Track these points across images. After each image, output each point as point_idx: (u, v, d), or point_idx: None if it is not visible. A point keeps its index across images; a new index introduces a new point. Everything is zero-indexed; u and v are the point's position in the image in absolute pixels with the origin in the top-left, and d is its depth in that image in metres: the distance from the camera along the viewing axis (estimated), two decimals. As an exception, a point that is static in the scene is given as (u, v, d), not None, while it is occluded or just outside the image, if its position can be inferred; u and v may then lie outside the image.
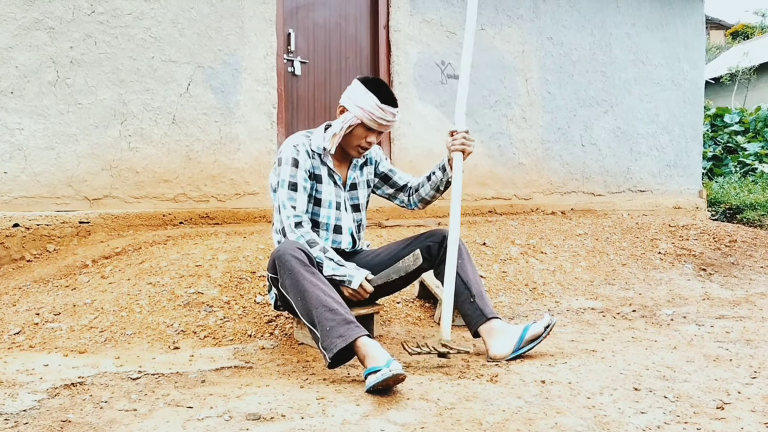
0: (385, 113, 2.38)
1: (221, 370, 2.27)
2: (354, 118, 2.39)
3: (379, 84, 2.42)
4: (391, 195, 2.74)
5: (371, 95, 2.36)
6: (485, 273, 3.76)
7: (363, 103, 2.37)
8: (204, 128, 4.42)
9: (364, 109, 2.37)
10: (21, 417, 1.75)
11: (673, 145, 7.09)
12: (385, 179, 2.71)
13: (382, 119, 2.38)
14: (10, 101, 3.82)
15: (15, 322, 2.75)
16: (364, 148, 2.47)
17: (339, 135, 2.42)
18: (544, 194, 6.14)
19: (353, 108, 2.39)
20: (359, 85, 2.41)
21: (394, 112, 2.41)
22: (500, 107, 5.85)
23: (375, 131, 2.43)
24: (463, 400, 1.86)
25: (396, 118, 2.44)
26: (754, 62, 16.54)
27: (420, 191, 2.66)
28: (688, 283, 4.11)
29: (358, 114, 2.38)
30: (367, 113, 2.37)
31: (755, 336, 2.75)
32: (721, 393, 1.94)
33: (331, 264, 2.32)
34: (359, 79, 2.44)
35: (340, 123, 2.42)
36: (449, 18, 5.52)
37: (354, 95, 2.40)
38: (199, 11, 4.40)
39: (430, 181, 2.61)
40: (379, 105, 2.36)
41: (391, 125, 2.44)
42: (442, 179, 2.59)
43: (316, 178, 2.47)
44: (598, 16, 6.47)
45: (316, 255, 2.31)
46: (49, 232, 3.89)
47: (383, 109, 2.37)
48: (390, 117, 2.40)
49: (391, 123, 2.42)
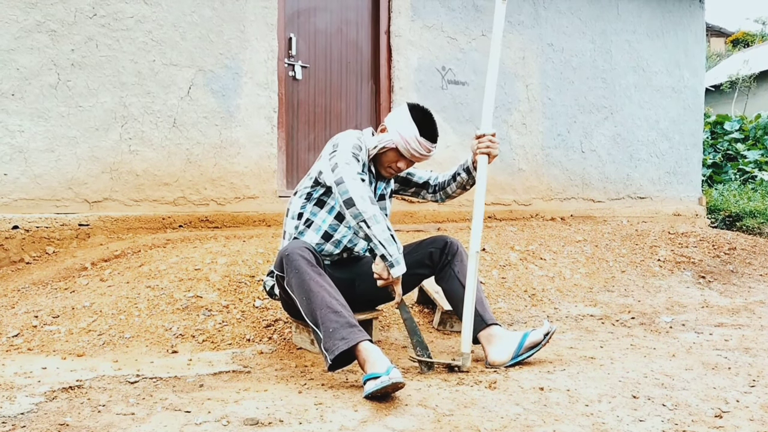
0: (420, 147, 2.39)
1: (219, 374, 2.27)
2: (390, 141, 2.40)
3: (424, 116, 2.41)
4: (414, 193, 2.76)
5: (413, 126, 2.37)
6: (484, 279, 3.76)
7: (403, 131, 2.38)
8: (204, 132, 4.43)
9: (402, 136, 2.38)
10: (18, 420, 1.74)
11: (672, 152, 7.09)
12: (405, 182, 2.73)
13: (416, 151, 2.39)
14: (11, 103, 3.83)
15: (13, 324, 2.75)
16: (393, 171, 2.48)
17: (372, 152, 2.44)
18: (544, 200, 6.15)
19: (393, 132, 2.40)
20: (405, 111, 2.41)
21: (431, 148, 2.41)
22: (500, 113, 5.85)
23: (407, 159, 2.44)
24: (462, 406, 1.86)
25: (431, 154, 2.44)
26: (754, 70, 16.56)
27: (447, 189, 2.68)
28: (687, 291, 4.11)
29: (395, 139, 2.39)
30: (404, 141, 2.38)
31: (754, 344, 2.75)
32: (720, 401, 1.93)
33: (388, 233, 2.17)
34: (408, 105, 2.44)
35: (376, 141, 2.43)
36: (450, 24, 5.54)
37: (397, 119, 2.40)
38: (200, 15, 4.41)
39: (456, 181, 2.65)
40: (417, 138, 2.37)
41: (425, 159, 2.45)
42: (467, 180, 2.62)
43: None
44: (598, 23, 6.48)
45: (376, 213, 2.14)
46: (49, 235, 3.89)
47: (420, 143, 2.38)
48: (425, 152, 2.41)
49: (424, 157, 2.43)
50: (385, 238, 2.16)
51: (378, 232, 2.14)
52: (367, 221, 2.14)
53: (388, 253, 2.17)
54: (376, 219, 2.14)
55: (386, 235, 2.16)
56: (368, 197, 2.16)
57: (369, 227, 2.14)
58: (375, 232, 2.14)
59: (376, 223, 2.14)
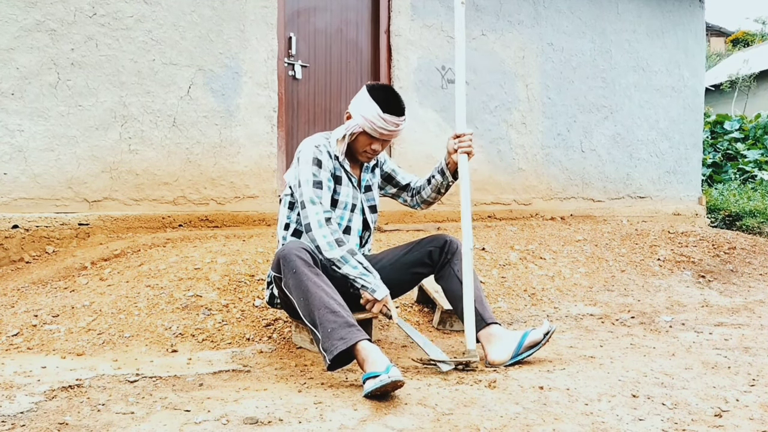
0: (387, 123, 2.34)
1: (219, 373, 2.27)
2: (356, 125, 2.37)
3: (384, 92, 2.37)
4: (395, 194, 2.75)
5: (374, 105, 2.33)
6: (484, 278, 3.76)
7: (365, 112, 2.34)
8: (204, 131, 4.43)
9: (366, 118, 2.34)
10: (18, 419, 1.74)
11: (672, 152, 7.09)
12: (388, 179, 2.71)
13: (383, 129, 2.35)
14: (10, 102, 3.83)
15: (13, 323, 2.75)
16: (368, 154, 2.46)
17: (343, 142, 2.42)
18: (544, 200, 6.15)
19: (357, 116, 2.37)
20: (365, 93, 2.38)
21: (398, 122, 2.36)
22: (500, 112, 5.85)
23: (378, 140, 2.40)
24: (461, 405, 1.86)
25: (400, 128, 2.39)
26: (754, 69, 16.57)
27: (422, 193, 2.67)
28: (687, 290, 4.11)
29: (360, 123, 2.36)
30: (369, 122, 2.34)
31: (753, 344, 2.75)
32: (719, 401, 1.93)
33: (360, 268, 2.27)
34: (366, 86, 2.40)
35: (343, 130, 2.41)
36: (450, 23, 5.53)
37: (359, 103, 2.38)
38: (200, 14, 4.41)
39: (431, 184, 2.63)
40: (380, 115, 2.32)
41: (396, 134, 2.40)
42: (442, 182, 2.59)
43: (337, 179, 2.46)
44: (598, 22, 6.48)
45: (342, 255, 2.26)
46: (49, 234, 3.89)
47: (385, 119, 2.33)
48: (392, 127, 2.36)
49: (394, 132, 2.38)
50: (357, 274, 2.27)
51: (350, 271, 2.26)
52: (337, 264, 2.27)
53: (366, 284, 2.27)
54: (345, 259, 2.26)
55: (358, 271, 2.27)
56: (333, 240, 2.26)
57: (340, 268, 2.27)
58: (347, 272, 2.27)
59: (345, 263, 2.26)
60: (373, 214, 2.61)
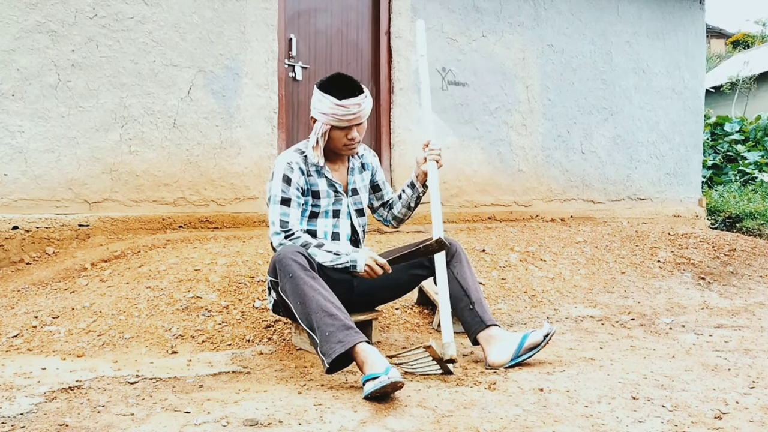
0: (347, 108, 2.33)
1: (219, 375, 2.27)
2: (322, 125, 2.39)
3: (332, 81, 2.38)
4: (374, 207, 2.77)
5: (327, 97, 2.34)
6: (484, 280, 3.76)
7: (324, 109, 2.35)
8: (204, 132, 4.43)
9: (326, 114, 2.35)
10: (18, 420, 1.74)
11: (673, 154, 7.09)
12: (375, 189, 2.73)
13: (347, 115, 2.34)
14: (11, 104, 3.83)
15: (13, 324, 2.75)
16: (350, 145, 2.45)
17: (319, 147, 2.43)
18: (544, 201, 6.15)
19: (318, 116, 2.39)
20: (316, 91, 2.40)
21: (358, 102, 2.35)
22: (500, 114, 5.86)
23: (350, 127, 2.40)
24: (461, 407, 1.86)
25: (363, 107, 2.37)
26: (754, 71, 16.56)
27: (393, 210, 2.71)
28: (687, 292, 4.10)
29: (324, 120, 2.37)
30: (332, 116, 2.35)
31: (754, 345, 2.75)
32: (719, 403, 1.93)
33: (329, 256, 2.32)
34: (316, 84, 2.42)
35: (314, 135, 2.43)
36: (450, 25, 5.54)
37: (315, 104, 2.40)
38: (201, 16, 4.41)
39: (401, 199, 2.67)
40: (337, 104, 2.32)
41: (362, 115, 2.38)
42: (412, 195, 2.64)
43: (314, 194, 2.47)
44: (598, 24, 6.49)
45: (311, 252, 2.31)
46: (49, 235, 3.89)
47: (344, 105, 2.32)
48: (355, 109, 2.34)
49: (359, 114, 2.36)
50: (331, 260, 2.32)
51: (325, 260, 2.32)
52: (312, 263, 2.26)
53: (344, 264, 2.32)
54: (314, 253, 2.32)
55: (330, 257, 2.32)
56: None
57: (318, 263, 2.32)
58: (323, 260, 2.32)
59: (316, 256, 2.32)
60: (360, 218, 2.62)
